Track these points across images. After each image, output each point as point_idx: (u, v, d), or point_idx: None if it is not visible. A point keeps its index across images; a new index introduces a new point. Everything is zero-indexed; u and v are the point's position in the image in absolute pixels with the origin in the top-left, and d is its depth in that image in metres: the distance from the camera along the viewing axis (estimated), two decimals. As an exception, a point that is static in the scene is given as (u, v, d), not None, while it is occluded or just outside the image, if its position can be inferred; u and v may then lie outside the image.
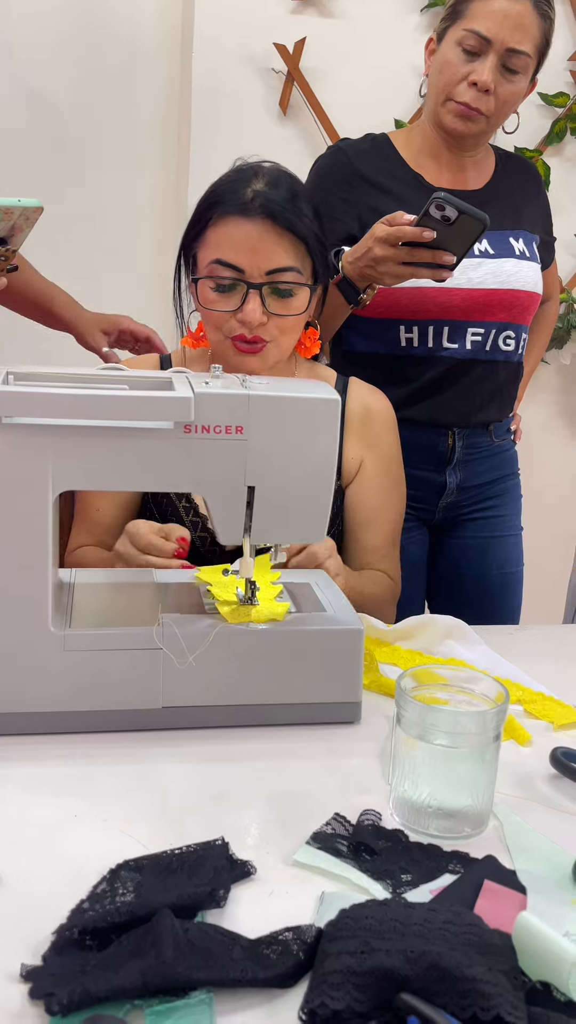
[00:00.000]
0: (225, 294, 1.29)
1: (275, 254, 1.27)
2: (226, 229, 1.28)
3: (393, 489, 1.46)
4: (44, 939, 0.68)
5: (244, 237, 1.26)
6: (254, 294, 1.27)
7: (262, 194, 1.27)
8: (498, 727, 0.83)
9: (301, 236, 1.29)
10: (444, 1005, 0.60)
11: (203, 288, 1.30)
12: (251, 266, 1.27)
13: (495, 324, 1.65)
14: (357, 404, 1.44)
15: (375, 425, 1.45)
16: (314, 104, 2.17)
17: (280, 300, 1.29)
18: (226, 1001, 0.64)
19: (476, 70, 1.53)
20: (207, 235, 1.30)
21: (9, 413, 0.91)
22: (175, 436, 0.95)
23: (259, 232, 1.26)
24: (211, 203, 1.30)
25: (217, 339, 1.33)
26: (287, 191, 1.29)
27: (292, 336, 1.34)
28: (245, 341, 1.30)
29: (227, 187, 1.30)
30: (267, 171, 1.31)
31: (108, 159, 2.22)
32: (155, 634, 0.97)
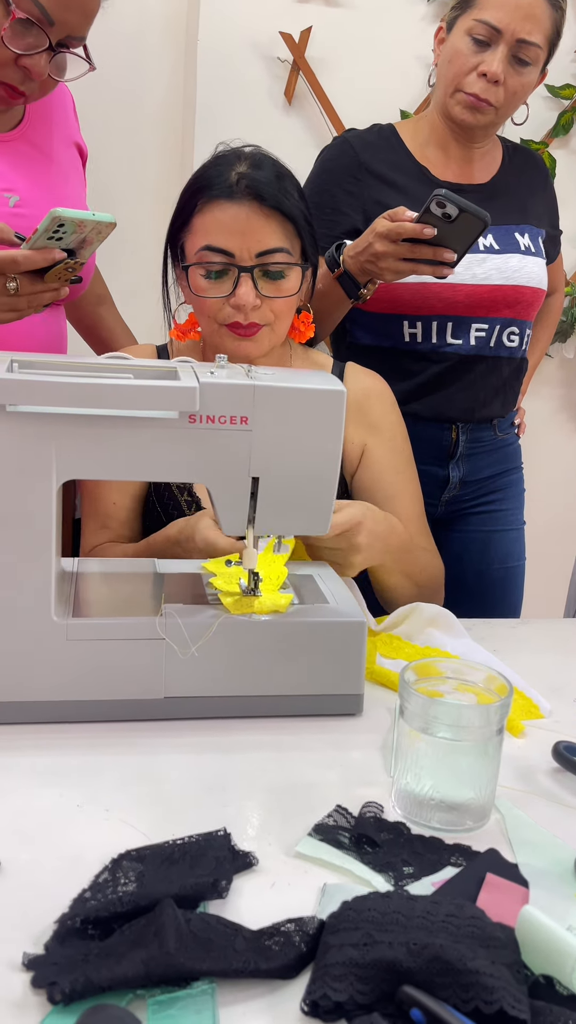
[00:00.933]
0: (216, 280, 1.28)
1: (264, 235, 1.26)
2: (213, 214, 1.27)
3: (406, 466, 1.45)
4: (46, 928, 0.68)
5: (231, 220, 1.25)
6: (246, 277, 1.26)
7: (247, 176, 1.26)
8: (501, 721, 0.82)
9: (289, 215, 1.28)
10: (447, 998, 0.60)
11: (194, 276, 1.29)
12: (241, 249, 1.26)
13: (499, 320, 1.65)
14: (354, 389, 1.43)
15: (374, 407, 1.44)
16: (319, 94, 2.16)
17: (272, 282, 1.28)
18: (228, 992, 0.64)
19: (486, 61, 1.52)
20: (194, 222, 1.29)
21: (13, 401, 0.91)
22: (179, 426, 0.95)
23: (246, 214, 1.25)
24: (195, 189, 1.29)
25: (211, 328, 1.32)
26: (271, 171, 1.29)
27: (286, 320, 1.33)
28: (240, 327, 1.29)
29: (211, 172, 1.29)
30: (249, 154, 1.31)
31: (111, 147, 2.21)
32: (158, 624, 0.97)
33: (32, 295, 1.17)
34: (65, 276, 1.17)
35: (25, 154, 1.43)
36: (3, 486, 0.92)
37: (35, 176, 1.43)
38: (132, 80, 2.23)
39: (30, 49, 1.26)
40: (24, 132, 1.45)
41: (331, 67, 2.18)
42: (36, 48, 1.26)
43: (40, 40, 1.26)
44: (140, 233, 2.29)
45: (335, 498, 1.03)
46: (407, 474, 1.44)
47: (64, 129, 1.53)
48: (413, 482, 1.45)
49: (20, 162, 1.42)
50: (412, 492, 1.44)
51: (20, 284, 1.14)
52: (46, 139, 1.48)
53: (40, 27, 1.24)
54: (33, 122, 1.46)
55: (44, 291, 1.18)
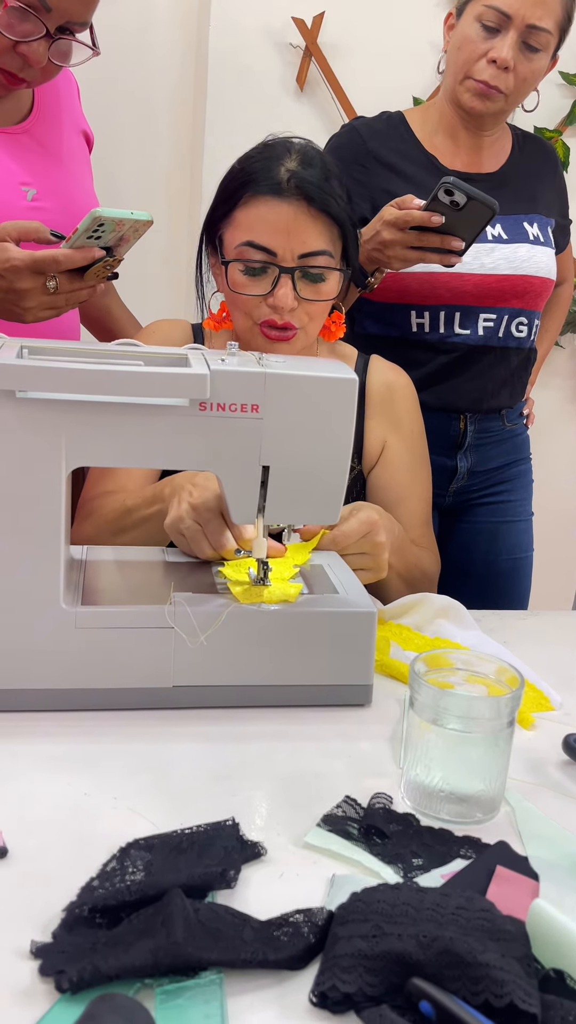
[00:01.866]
0: (255, 278, 1.25)
1: (309, 237, 1.23)
2: (258, 210, 1.24)
3: (420, 467, 1.44)
4: (54, 916, 0.68)
5: (277, 218, 1.23)
6: (286, 278, 1.24)
7: (296, 174, 1.23)
8: (512, 713, 0.82)
9: (336, 218, 1.25)
10: (456, 991, 0.60)
11: (232, 271, 1.26)
12: (284, 249, 1.23)
13: (507, 310, 1.64)
14: (379, 383, 1.42)
15: (397, 403, 1.43)
16: (332, 80, 2.14)
17: (311, 285, 1.26)
18: (236, 982, 0.63)
19: (495, 47, 1.50)
20: (236, 216, 1.26)
21: (23, 387, 0.90)
22: (190, 413, 0.94)
23: (293, 214, 1.22)
24: (241, 182, 1.26)
25: (245, 325, 1.30)
26: (321, 171, 1.25)
27: (319, 321, 1.31)
28: (275, 327, 1.26)
29: (258, 165, 1.25)
30: (299, 148, 1.28)
31: (121, 133, 2.20)
32: (167, 613, 0.96)
33: (71, 293, 1.17)
34: (103, 274, 1.17)
35: (36, 147, 1.43)
36: (12, 473, 0.91)
37: (47, 170, 1.43)
38: (142, 65, 2.21)
39: (27, 36, 1.24)
40: (34, 124, 1.44)
41: (344, 53, 2.16)
42: (33, 35, 1.24)
43: (37, 27, 1.24)
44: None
45: (349, 489, 1.02)
46: (420, 476, 1.44)
47: (72, 118, 1.52)
48: (425, 484, 1.45)
49: (32, 156, 1.41)
50: (422, 495, 1.44)
51: (60, 282, 1.15)
52: (56, 131, 1.47)
53: (35, 14, 1.22)
54: (43, 114, 1.45)
55: (82, 288, 1.18)
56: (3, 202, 1.33)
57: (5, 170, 1.37)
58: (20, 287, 1.14)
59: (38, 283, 1.14)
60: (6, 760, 0.87)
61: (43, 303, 1.17)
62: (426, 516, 1.44)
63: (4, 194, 1.35)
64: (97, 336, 1.77)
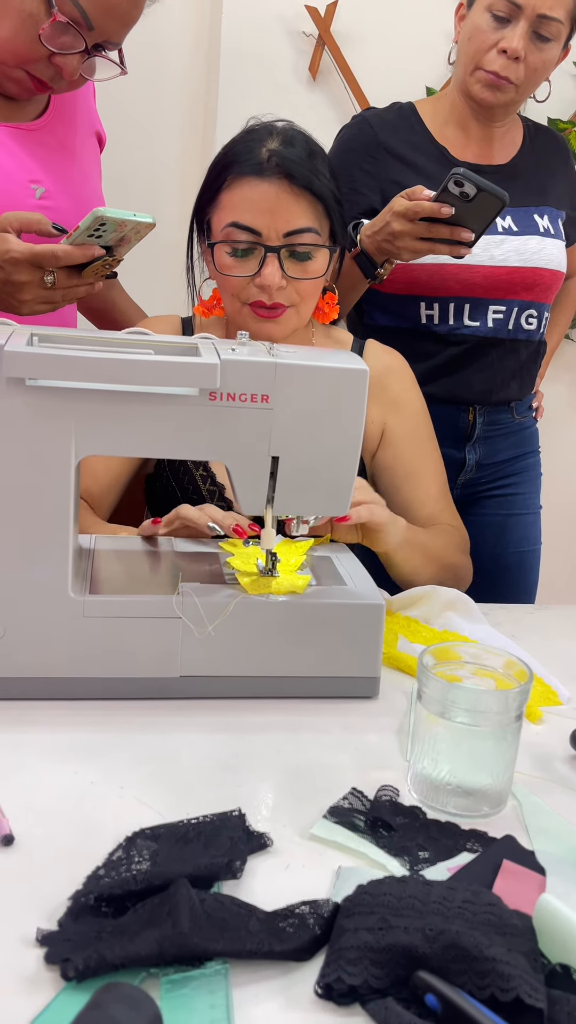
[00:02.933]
0: (242, 259, 1.26)
1: (293, 215, 1.24)
2: (241, 191, 1.24)
3: (426, 442, 1.43)
4: (60, 904, 0.68)
5: (260, 198, 1.23)
6: (272, 257, 1.24)
7: (277, 153, 1.24)
8: (520, 707, 0.82)
9: (319, 195, 1.25)
10: (462, 985, 0.60)
11: (219, 253, 1.27)
12: (268, 228, 1.23)
13: (517, 302, 1.63)
14: (374, 366, 1.41)
15: (394, 385, 1.42)
16: (344, 69, 2.13)
17: (299, 263, 1.26)
18: (241, 973, 0.63)
19: (506, 37, 1.49)
20: (221, 198, 1.27)
21: (33, 375, 0.90)
22: (200, 403, 0.94)
23: (276, 192, 1.23)
24: (224, 165, 1.27)
25: (234, 307, 1.30)
26: (303, 149, 1.26)
27: (311, 301, 1.31)
28: (264, 307, 1.27)
29: (241, 147, 1.27)
30: (281, 130, 1.28)
31: (133, 122, 2.19)
32: (175, 603, 0.96)
33: (68, 289, 1.17)
34: (102, 272, 1.18)
35: (49, 146, 1.43)
36: (22, 461, 0.91)
37: (58, 169, 1.43)
38: (154, 53, 2.20)
39: (66, 49, 1.26)
40: (49, 123, 1.44)
41: (357, 42, 2.15)
42: (72, 49, 1.27)
43: (77, 42, 1.26)
44: (162, 209, 2.28)
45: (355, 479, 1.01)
46: (429, 450, 1.43)
47: (86, 119, 1.53)
48: (435, 458, 1.43)
49: (44, 154, 1.42)
50: (434, 468, 1.42)
51: (57, 278, 1.15)
52: (69, 131, 1.48)
53: (79, 30, 1.25)
54: (58, 113, 1.45)
55: (79, 285, 1.18)
56: (11, 198, 1.33)
57: (17, 166, 1.37)
58: (17, 279, 1.14)
59: (36, 277, 1.15)
60: (13, 748, 0.87)
61: (39, 297, 1.17)
62: (442, 488, 1.43)
63: (13, 190, 1.35)
64: (101, 328, 1.76)
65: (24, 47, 1.26)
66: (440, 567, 1.30)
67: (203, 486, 1.34)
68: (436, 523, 1.39)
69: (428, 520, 1.38)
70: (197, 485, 1.34)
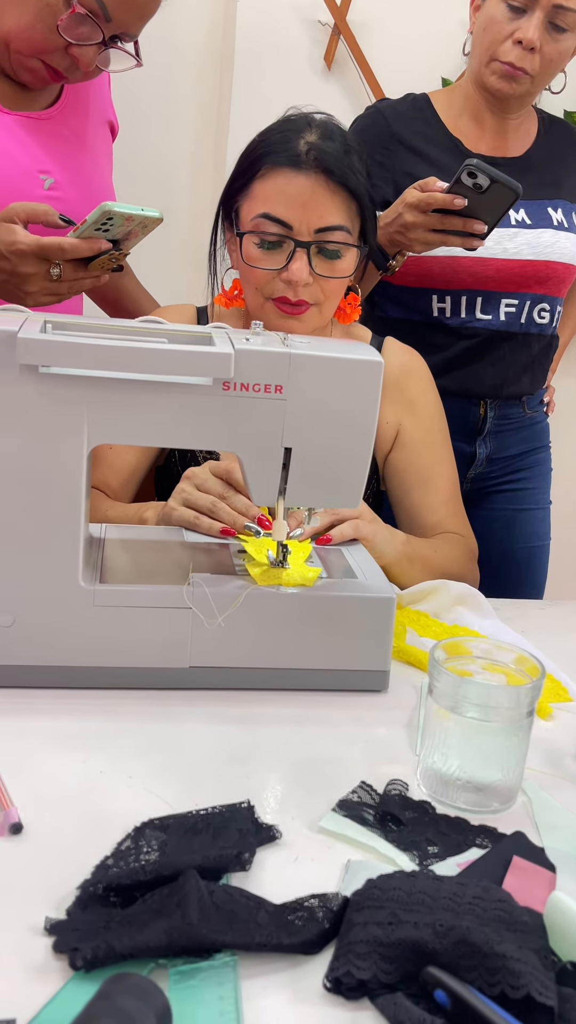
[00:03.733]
0: (270, 251, 1.24)
1: (327, 211, 1.22)
2: (276, 182, 1.22)
3: (441, 446, 1.42)
4: (68, 893, 0.67)
5: (295, 191, 1.21)
6: (301, 252, 1.22)
7: (316, 146, 1.22)
8: (532, 703, 0.81)
9: (354, 192, 1.24)
10: (472, 981, 0.59)
11: (247, 244, 1.25)
12: (300, 222, 1.21)
13: (530, 296, 1.62)
14: (392, 365, 1.40)
15: (411, 385, 1.41)
16: (360, 59, 2.11)
17: (327, 261, 1.24)
18: (250, 965, 0.63)
19: (521, 27, 1.48)
20: (254, 187, 1.25)
21: (46, 363, 0.89)
22: (213, 393, 0.93)
23: (311, 186, 1.21)
24: (260, 154, 1.24)
25: (256, 301, 1.28)
26: (341, 144, 1.24)
27: (335, 301, 1.29)
28: (288, 303, 1.25)
29: (277, 137, 1.24)
30: (320, 123, 1.26)
31: (144, 110, 2.18)
32: (185, 593, 0.96)
33: (73, 281, 1.17)
34: (108, 266, 1.17)
35: (60, 135, 1.42)
36: (34, 448, 0.91)
37: (68, 159, 1.42)
38: (168, 41, 2.19)
39: (83, 40, 1.26)
40: (60, 112, 1.43)
41: (373, 32, 2.13)
42: (89, 40, 1.26)
43: (94, 33, 1.26)
44: (174, 198, 2.27)
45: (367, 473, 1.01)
46: (442, 455, 1.41)
47: (99, 108, 1.52)
48: (449, 464, 1.42)
49: (55, 144, 1.41)
50: (447, 474, 1.41)
51: (63, 270, 1.15)
52: (81, 120, 1.47)
53: (96, 22, 1.24)
54: (70, 102, 1.45)
55: (85, 278, 1.17)
56: (19, 188, 1.32)
57: (27, 155, 1.36)
58: (23, 271, 1.14)
59: (42, 269, 1.14)
60: (22, 736, 0.87)
61: (45, 289, 1.17)
62: (453, 494, 1.42)
63: (21, 180, 1.34)
64: (111, 316, 1.76)
65: (41, 37, 1.25)
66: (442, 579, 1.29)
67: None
68: (443, 530, 1.37)
69: (435, 526, 1.37)
70: None
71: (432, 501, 1.38)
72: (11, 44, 1.28)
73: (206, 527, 1.10)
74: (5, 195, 1.22)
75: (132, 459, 1.34)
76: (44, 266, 1.14)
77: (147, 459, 1.36)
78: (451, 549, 1.35)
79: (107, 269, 1.18)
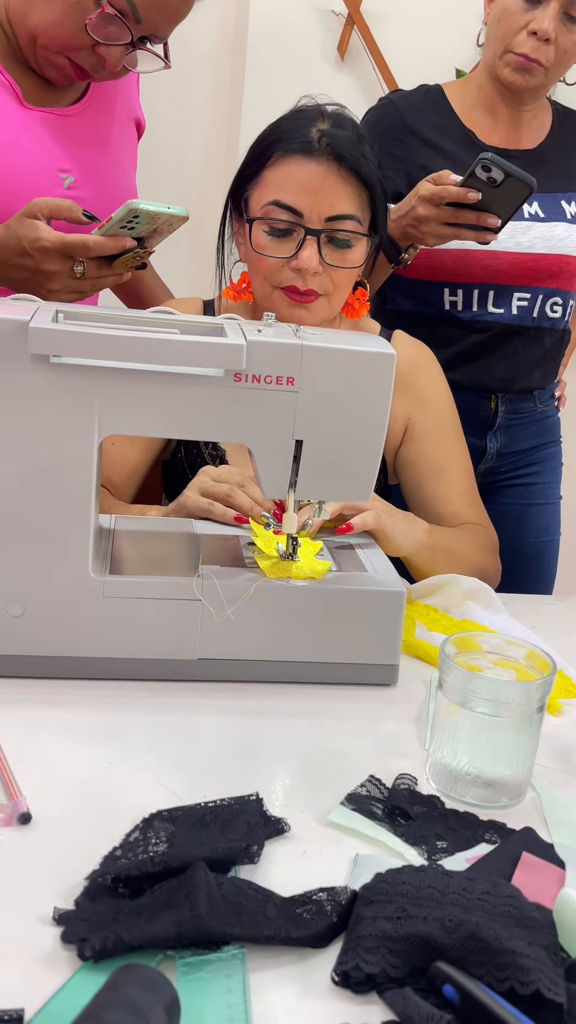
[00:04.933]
0: (280, 239, 1.23)
1: (338, 199, 1.21)
2: (287, 169, 1.21)
3: (453, 437, 1.41)
4: (76, 884, 0.67)
5: (307, 178, 1.20)
6: (311, 240, 1.21)
7: (328, 133, 1.21)
8: (542, 698, 0.81)
9: (366, 181, 1.23)
10: (481, 976, 0.59)
11: (256, 232, 1.24)
12: (311, 210, 1.20)
13: (542, 290, 1.61)
14: (401, 359, 1.39)
15: (421, 378, 1.40)
16: (374, 50, 2.10)
17: (337, 251, 1.23)
18: (258, 958, 0.63)
19: (536, 18, 1.47)
20: (264, 175, 1.24)
21: (58, 352, 0.89)
22: (225, 384, 0.93)
23: (323, 173, 1.20)
24: (271, 141, 1.24)
25: (265, 291, 1.27)
26: (353, 133, 1.23)
27: (343, 292, 1.28)
28: (297, 292, 1.25)
29: (289, 125, 1.23)
30: (332, 113, 1.25)
31: (156, 101, 2.17)
32: (194, 585, 0.96)
33: (97, 279, 1.17)
34: (132, 263, 1.17)
35: (83, 134, 1.41)
36: (45, 439, 0.91)
37: (89, 159, 1.41)
38: (180, 31, 2.17)
39: (111, 39, 1.25)
40: (86, 109, 1.42)
41: (387, 22, 2.12)
42: (118, 40, 1.26)
43: (123, 34, 1.25)
44: (185, 189, 2.26)
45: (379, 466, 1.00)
46: (455, 446, 1.40)
47: (125, 105, 1.51)
48: (462, 454, 1.41)
49: (77, 143, 1.40)
50: (461, 464, 1.40)
51: (87, 268, 1.14)
52: (106, 119, 1.46)
53: (126, 22, 1.24)
54: (96, 100, 1.43)
55: (108, 276, 1.17)
56: (39, 187, 1.31)
57: (47, 154, 1.35)
58: (47, 268, 1.13)
59: (65, 266, 1.14)
60: (31, 727, 0.87)
61: (68, 286, 1.16)
62: (469, 485, 1.41)
63: (41, 179, 1.33)
64: (128, 305, 1.75)
65: (69, 34, 1.25)
66: (466, 570, 1.27)
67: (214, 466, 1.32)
68: (461, 520, 1.36)
69: (453, 517, 1.36)
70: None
71: (447, 492, 1.37)
72: (38, 39, 1.27)
73: (220, 513, 1.11)
74: (24, 193, 1.21)
75: (135, 455, 1.33)
76: (68, 263, 1.13)
77: (150, 455, 1.36)
78: (474, 538, 1.34)
79: (131, 267, 1.18)
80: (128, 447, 1.33)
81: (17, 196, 1.22)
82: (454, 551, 1.28)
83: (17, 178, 1.30)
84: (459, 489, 1.38)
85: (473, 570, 1.27)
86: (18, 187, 1.29)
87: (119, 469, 1.32)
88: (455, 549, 1.28)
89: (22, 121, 1.33)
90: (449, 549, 1.27)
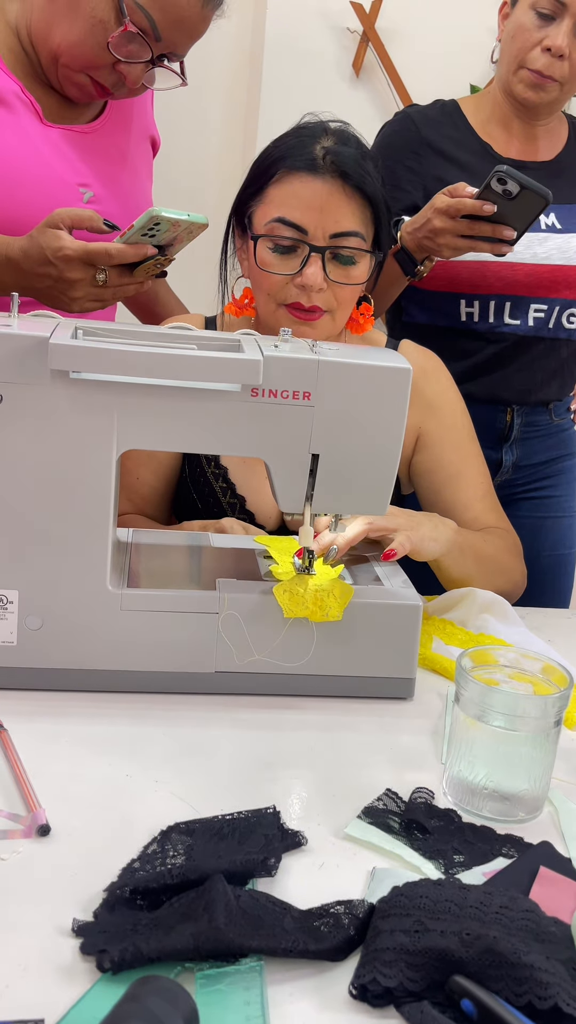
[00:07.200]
0: (284, 256, 1.23)
1: (342, 216, 1.22)
2: (291, 186, 1.22)
3: (467, 442, 1.40)
4: (95, 895, 0.68)
5: (311, 195, 1.21)
6: (316, 257, 1.21)
7: (332, 151, 1.22)
8: (560, 712, 0.81)
9: (370, 198, 1.23)
10: (499, 991, 0.59)
11: (261, 249, 1.24)
12: (315, 227, 1.21)
13: (559, 301, 1.61)
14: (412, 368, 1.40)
15: (430, 387, 1.39)
16: (388, 66, 2.12)
17: (341, 268, 1.24)
18: (276, 971, 0.63)
19: (550, 35, 1.48)
20: (268, 192, 1.24)
21: (77, 368, 0.90)
22: (242, 399, 0.94)
23: (327, 191, 1.20)
24: (276, 158, 1.24)
25: (268, 308, 1.27)
26: (357, 150, 1.24)
27: (347, 309, 1.29)
28: (301, 309, 1.25)
29: (293, 142, 1.24)
30: (335, 130, 1.26)
31: (173, 116, 2.19)
32: (212, 598, 0.96)
33: (119, 287, 1.18)
34: (153, 271, 1.18)
35: (102, 150, 1.43)
36: (64, 453, 0.92)
37: (108, 174, 1.43)
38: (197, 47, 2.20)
39: (132, 57, 1.27)
40: (104, 126, 1.44)
41: (401, 39, 2.14)
42: (138, 58, 1.28)
43: (143, 52, 1.27)
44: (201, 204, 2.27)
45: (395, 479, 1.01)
46: (470, 451, 1.39)
47: (141, 124, 1.53)
48: (478, 459, 1.40)
49: (97, 158, 1.42)
50: (477, 468, 1.39)
51: (109, 276, 1.15)
52: (124, 135, 1.48)
53: (146, 40, 1.26)
54: (113, 117, 1.46)
55: (130, 284, 1.18)
56: (59, 201, 1.33)
57: (67, 168, 1.37)
58: (70, 277, 1.15)
59: (88, 275, 1.15)
60: (50, 739, 0.88)
61: (90, 295, 1.17)
62: (487, 489, 1.40)
63: (61, 193, 1.35)
64: (143, 321, 1.77)
65: (91, 52, 1.27)
66: (494, 571, 1.26)
67: (223, 499, 1.32)
68: (481, 525, 1.36)
69: (473, 523, 1.35)
70: (217, 498, 1.32)
71: (465, 498, 1.36)
72: (60, 58, 1.29)
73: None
74: (45, 207, 1.23)
75: (154, 482, 1.35)
76: (90, 272, 1.15)
77: (164, 477, 1.36)
78: (500, 540, 1.33)
79: (152, 275, 1.19)
80: (150, 477, 1.34)
81: (39, 210, 1.23)
82: (482, 552, 1.27)
83: (39, 193, 1.32)
84: (477, 494, 1.37)
85: (501, 573, 1.27)
86: (40, 201, 1.31)
87: (147, 497, 1.34)
88: (483, 550, 1.28)
89: (43, 138, 1.35)
90: (477, 549, 1.26)
